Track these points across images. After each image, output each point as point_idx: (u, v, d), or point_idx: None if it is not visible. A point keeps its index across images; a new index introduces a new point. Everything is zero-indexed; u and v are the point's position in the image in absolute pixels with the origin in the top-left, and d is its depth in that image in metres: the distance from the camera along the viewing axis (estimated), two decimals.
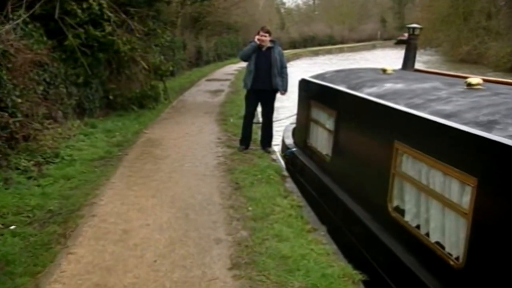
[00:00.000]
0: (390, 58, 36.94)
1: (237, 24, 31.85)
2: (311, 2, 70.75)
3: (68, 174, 5.32)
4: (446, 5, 34.67)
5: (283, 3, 62.81)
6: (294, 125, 7.33)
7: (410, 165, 3.24)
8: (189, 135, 7.59)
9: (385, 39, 63.90)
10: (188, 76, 19.07)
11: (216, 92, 13.97)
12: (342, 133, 4.54)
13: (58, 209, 4.25)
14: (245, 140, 6.64)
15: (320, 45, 51.80)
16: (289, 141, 6.71)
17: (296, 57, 38.26)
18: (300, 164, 5.70)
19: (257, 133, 7.32)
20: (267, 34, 6.29)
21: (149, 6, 10.93)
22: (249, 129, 6.64)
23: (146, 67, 10.38)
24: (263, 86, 6.32)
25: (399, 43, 58.02)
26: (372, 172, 3.80)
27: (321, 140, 5.18)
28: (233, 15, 29.00)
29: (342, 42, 57.92)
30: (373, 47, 55.88)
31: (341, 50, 48.98)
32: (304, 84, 6.12)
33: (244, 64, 6.66)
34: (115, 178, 5.26)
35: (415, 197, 3.21)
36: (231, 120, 8.86)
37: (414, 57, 5.97)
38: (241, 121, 8.79)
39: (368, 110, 3.96)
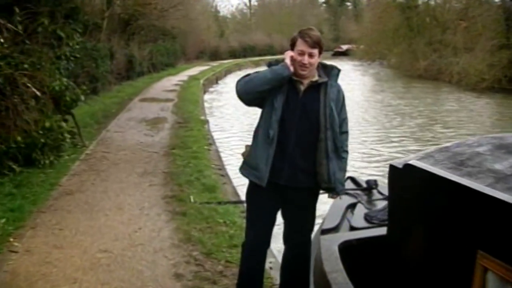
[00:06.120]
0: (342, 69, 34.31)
1: (174, 30, 27.71)
2: (246, 11, 68.50)
3: None
4: (398, 17, 32.98)
5: (218, 11, 59.68)
6: (333, 240, 3.46)
7: None
8: (110, 261, 3.49)
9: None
10: (116, 94, 14.68)
11: (155, 123, 9.84)
12: None
13: None
14: None
15: (260, 55, 49.42)
16: None
17: (238, 68, 35.08)
18: None
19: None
20: (315, 51, 2.50)
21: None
22: (257, 275, 2.75)
23: (38, 94, 6.13)
24: (297, 181, 2.57)
25: (336, 54, 57.69)
26: None
27: None
28: (170, 19, 24.79)
29: (281, 52, 55.94)
30: None
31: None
32: (435, 192, 2.17)
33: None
34: None
35: None
36: (192, 199, 4.88)
37: None
38: (210, 199, 4.91)
39: None
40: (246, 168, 2.66)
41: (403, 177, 2.39)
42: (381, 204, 3.66)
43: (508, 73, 19.73)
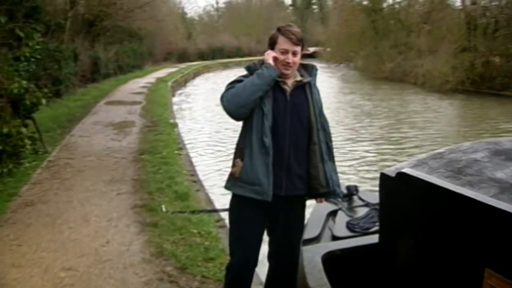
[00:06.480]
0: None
1: (141, 31, 27.09)
2: (213, 13, 68.12)
3: None
4: (363, 21, 33.52)
5: (185, 13, 58.95)
6: (316, 251, 3.28)
7: None
8: (74, 280, 3.20)
9: None
10: (80, 97, 14.15)
11: (123, 127, 9.47)
12: None
13: None
14: None
15: (228, 57, 49.39)
16: None
17: (207, 70, 34.80)
18: None
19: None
20: (298, 48, 2.35)
21: None
22: None
23: None
24: (295, 189, 2.39)
25: (303, 57, 58.33)
26: None
27: None
28: (137, 20, 24.21)
29: (249, 54, 56.17)
30: None
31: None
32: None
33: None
34: None
35: None
36: (163, 208, 4.63)
37: None
38: (183, 207, 4.68)
39: None
40: (241, 186, 2.36)
41: (396, 186, 2.25)
42: (362, 211, 3.53)
43: (470, 75, 20.31)
